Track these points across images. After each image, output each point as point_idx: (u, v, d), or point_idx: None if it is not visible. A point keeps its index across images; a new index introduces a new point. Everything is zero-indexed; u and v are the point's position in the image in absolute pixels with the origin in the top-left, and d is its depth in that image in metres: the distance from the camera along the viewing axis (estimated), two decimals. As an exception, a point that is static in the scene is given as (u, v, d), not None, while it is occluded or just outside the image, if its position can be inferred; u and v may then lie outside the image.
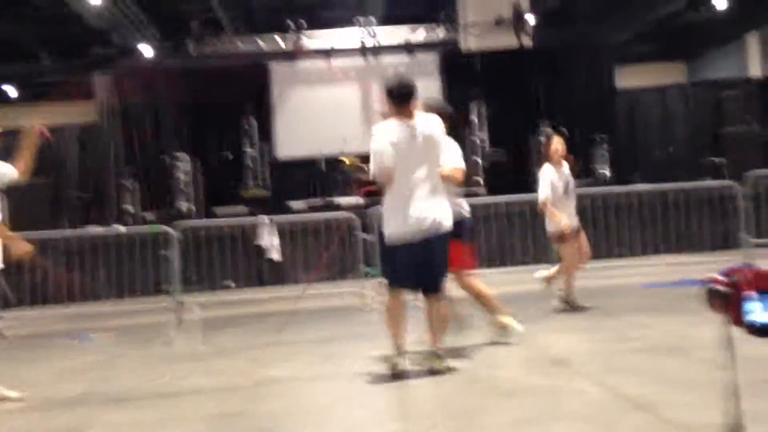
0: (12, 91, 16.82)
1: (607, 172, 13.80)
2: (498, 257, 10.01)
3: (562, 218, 6.69)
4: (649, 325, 5.98)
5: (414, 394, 4.32)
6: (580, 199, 9.51)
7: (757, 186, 9.64)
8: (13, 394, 4.84)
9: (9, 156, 4.94)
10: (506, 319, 5.49)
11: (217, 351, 6.29)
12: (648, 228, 10.13)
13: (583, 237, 7.02)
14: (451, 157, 5.11)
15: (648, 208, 10.17)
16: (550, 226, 6.92)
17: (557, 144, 6.94)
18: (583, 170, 14.33)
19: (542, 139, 7.26)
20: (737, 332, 1.14)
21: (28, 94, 16.71)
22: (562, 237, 6.81)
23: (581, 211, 9.45)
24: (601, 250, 10.03)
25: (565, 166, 6.99)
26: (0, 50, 14.51)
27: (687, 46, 23.09)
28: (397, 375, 4.65)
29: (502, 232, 9.78)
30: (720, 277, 1.14)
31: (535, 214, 10.05)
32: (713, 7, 17.25)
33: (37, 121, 5.01)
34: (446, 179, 4.90)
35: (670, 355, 4.92)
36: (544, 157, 7.06)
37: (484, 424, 3.69)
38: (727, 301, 1.12)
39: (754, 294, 1.08)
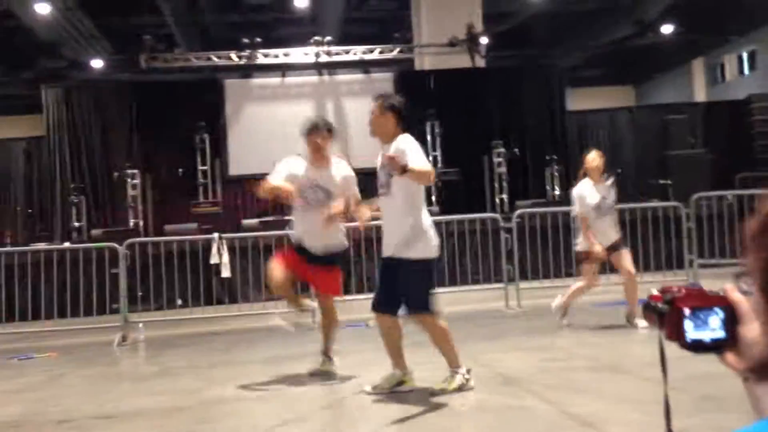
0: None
1: (557, 192, 14.05)
2: (450, 276, 10.03)
3: (594, 244, 6.49)
4: (597, 344, 6.05)
5: (365, 414, 4.27)
6: (530, 218, 9.69)
7: (701, 207, 9.90)
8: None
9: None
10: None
11: (162, 370, 6.14)
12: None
13: (622, 255, 6.69)
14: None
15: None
16: (578, 245, 6.83)
17: (595, 159, 6.74)
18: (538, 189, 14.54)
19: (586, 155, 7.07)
20: (677, 350, 1.14)
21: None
22: (586, 258, 6.72)
23: (532, 231, 9.62)
24: (550, 270, 10.17)
25: (606, 182, 6.81)
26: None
27: (635, 71, 23.82)
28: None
29: (455, 251, 9.80)
30: (657, 294, 1.15)
31: (487, 233, 10.16)
32: (661, 34, 17.84)
33: None
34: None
35: (618, 373, 4.98)
36: (582, 172, 6.82)
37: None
38: (662, 317, 1.13)
39: (688, 311, 1.09)
